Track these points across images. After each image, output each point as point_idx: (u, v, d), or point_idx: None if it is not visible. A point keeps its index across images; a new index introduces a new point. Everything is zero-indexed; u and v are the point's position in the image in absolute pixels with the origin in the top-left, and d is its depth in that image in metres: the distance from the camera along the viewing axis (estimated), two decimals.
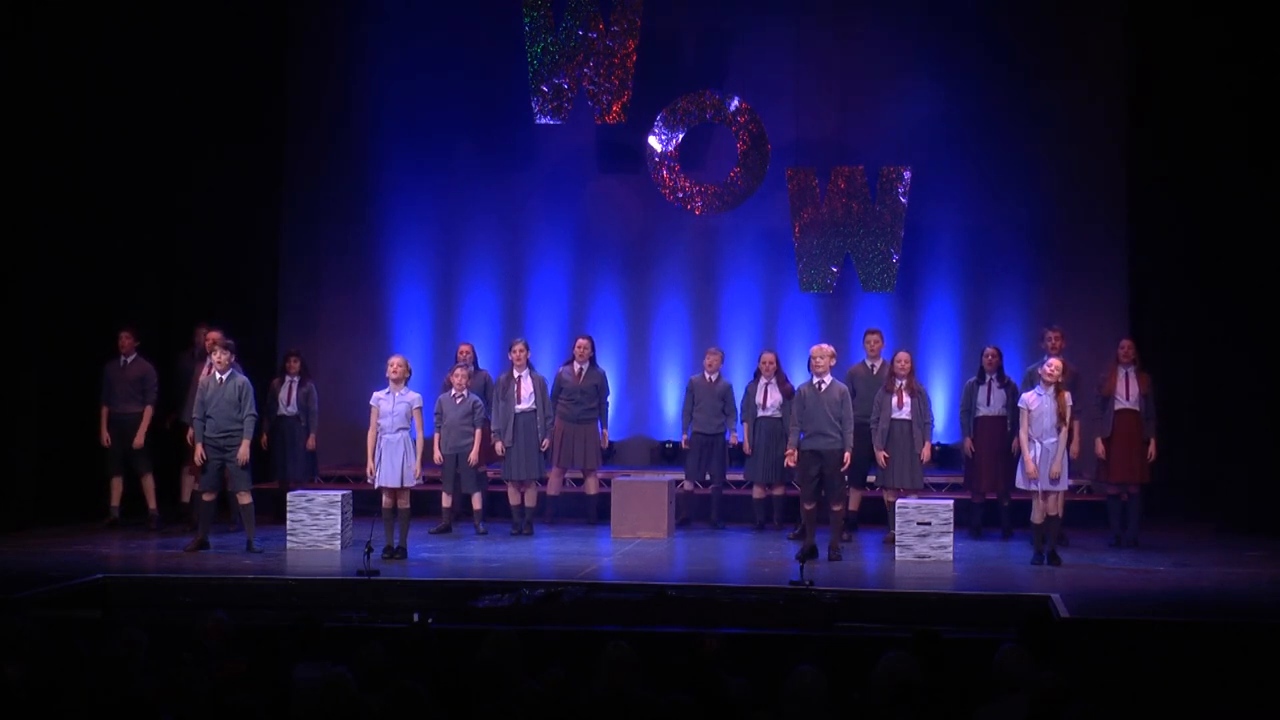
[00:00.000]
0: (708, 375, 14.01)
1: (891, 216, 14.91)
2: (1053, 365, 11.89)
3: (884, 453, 12.66)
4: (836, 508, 12.19)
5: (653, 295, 15.94)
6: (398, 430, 12.10)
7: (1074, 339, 13.59)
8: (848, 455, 12.03)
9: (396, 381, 12.15)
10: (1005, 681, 6.46)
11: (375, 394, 12.28)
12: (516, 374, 13.42)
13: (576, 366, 13.95)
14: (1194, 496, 14.04)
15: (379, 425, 12.11)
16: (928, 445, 12.78)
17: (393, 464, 12.07)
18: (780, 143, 15.28)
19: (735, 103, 15.22)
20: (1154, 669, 8.82)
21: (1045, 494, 11.77)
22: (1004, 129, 15.23)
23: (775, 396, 13.60)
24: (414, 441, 12.20)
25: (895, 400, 12.70)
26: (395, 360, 12.30)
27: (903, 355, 12.89)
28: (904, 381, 12.72)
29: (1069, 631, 9.25)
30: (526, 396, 13.36)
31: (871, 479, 13.24)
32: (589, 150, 15.92)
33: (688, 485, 14.12)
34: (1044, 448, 11.73)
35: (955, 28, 15.26)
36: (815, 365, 12.12)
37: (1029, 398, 11.90)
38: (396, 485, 12.09)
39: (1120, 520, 12.83)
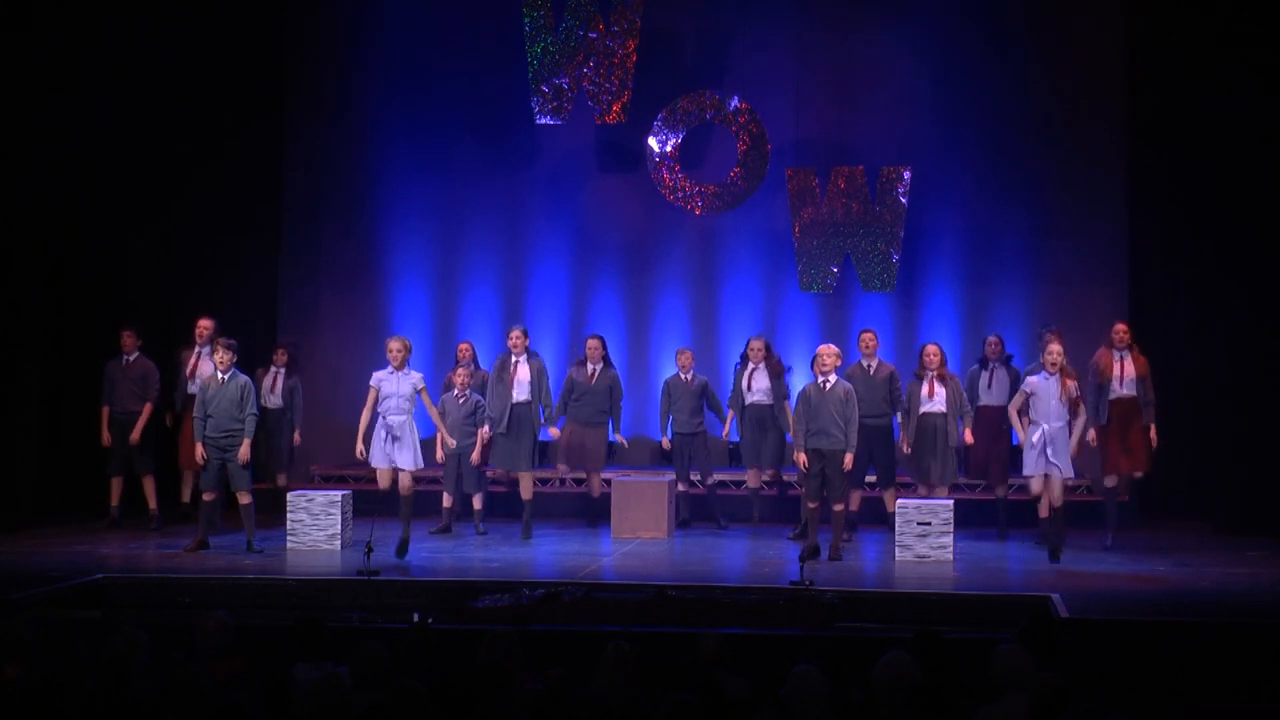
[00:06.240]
0: (683, 375, 14.02)
1: (891, 216, 14.90)
2: (1053, 351, 11.88)
3: (908, 444, 12.74)
4: (838, 507, 12.20)
5: (653, 295, 15.94)
6: (404, 412, 12.09)
7: (1074, 339, 13.59)
8: (849, 456, 12.04)
9: (398, 365, 12.12)
10: (1005, 681, 6.45)
11: (376, 374, 12.22)
12: (514, 359, 13.34)
13: (590, 367, 13.90)
14: (1194, 496, 14.04)
15: (384, 407, 12.06)
16: (968, 431, 12.80)
17: (400, 445, 12.04)
18: (780, 143, 15.28)
19: (735, 103, 15.22)
20: (1154, 669, 8.82)
21: (1048, 480, 11.74)
22: (1004, 129, 15.22)
23: (762, 382, 13.52)
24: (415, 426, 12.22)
25: (926, 391, 12.72)
26: (394, 344, 12.22)
27: (931, 348, 12.93)
28: (933, 373, 12.75)
29: (1069, 631, 9.25)
30: (521, 385, 13.24)
31: (901, 479, 13.20)
32: (589, 150, 15.92)
33: (681, 486, 14.12)
34: (1049, 431, 11.73)
35: (955, 28, 15.26)
36: (821, 365, 12.12)
37: (1033, 380, 11.94)
38: (409, 468, 12.10)
39: (1115, 523, 12.77)
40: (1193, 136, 14.02)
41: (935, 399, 12.75)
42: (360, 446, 12.27)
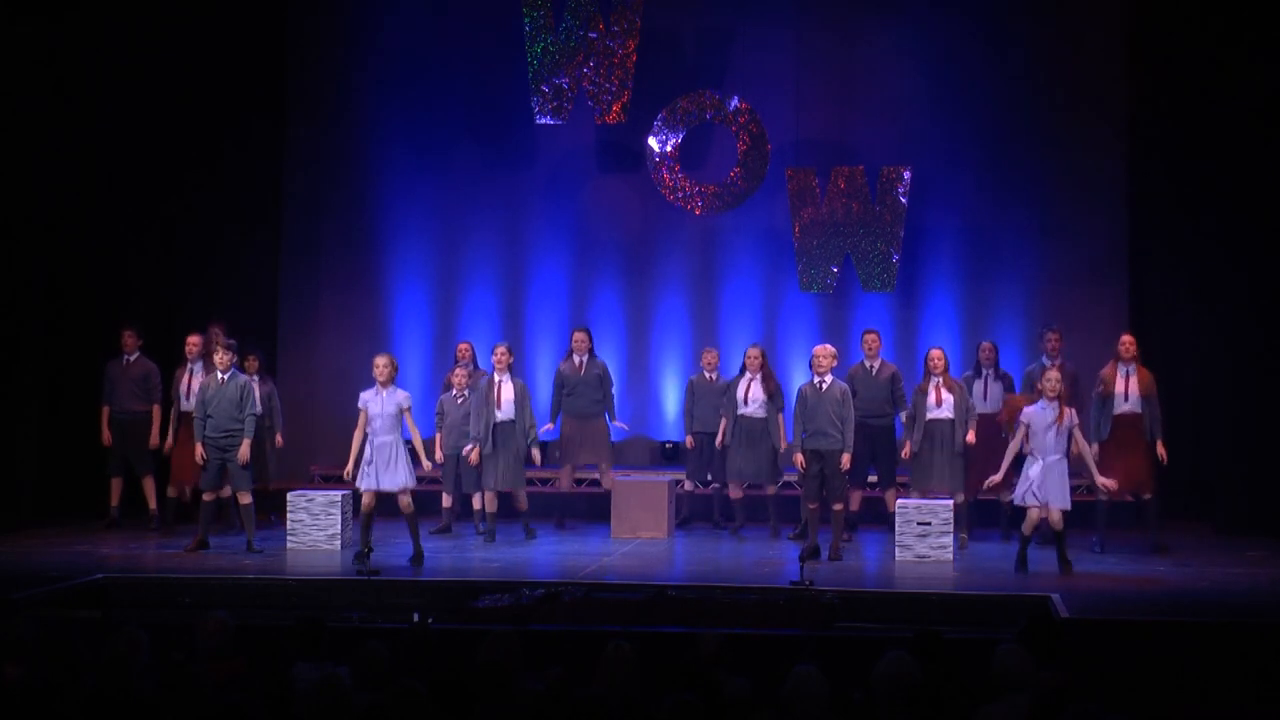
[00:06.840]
0: (707, 374, 13.99)
1: (891, 216, 14.91)
2: (1051, 378, 11.56)
3: (909, 448, 12.61)
4: (837, 507, 12.20)
5: (653, 295, 15.94)
6: (390, 432, 11.91)
7: (1074, 339, 13.59)
8: (847, 456, 12.03)
9: (384, 382, 11.95)
10: (1005, 681, 6.45)
11: (363, 395, 11.98)
12: (498, 379, 13.08)
13: (576, 359, 13.89)
14: (1194, 496, 14.03)
15: (371, 428, 11.86)
16: (972, 432, 12.58)
17: (387, 467, 11.87)
18: (780, 143, 15.28)
19: (735, 103, 15.22)
20: (1154, 669, 8.82)
21: (1047, 510, 11.50)
22: (1004, 129, 15.23)
23: (758, 394, 13.40)
24: (403, 445, 12.02)
25: (933, 398, 12.59)
26: (381, 360, 11.97)
27: (935, 352, 12.74)
28: (940, 378, 12.64)
29: (1069, 631, 9.25)
30: (505, 404, 12.98)
31: (902, 479, 13.13)
32: (589, 150, 15.92)
33: (689, 485, 14.09)
34: (1046, 465, 11.40)
35: (955, 27, 15.26)
36: (817, 365, 12.10)
37: (1030, 412, 11.53)
38: (395, 489, 11.91)
39: (1106, 525, 12.61)
40: (1193, 136, 14.01)
41: (944, 405, 12.57)
42: (349, 468, 11.98)
